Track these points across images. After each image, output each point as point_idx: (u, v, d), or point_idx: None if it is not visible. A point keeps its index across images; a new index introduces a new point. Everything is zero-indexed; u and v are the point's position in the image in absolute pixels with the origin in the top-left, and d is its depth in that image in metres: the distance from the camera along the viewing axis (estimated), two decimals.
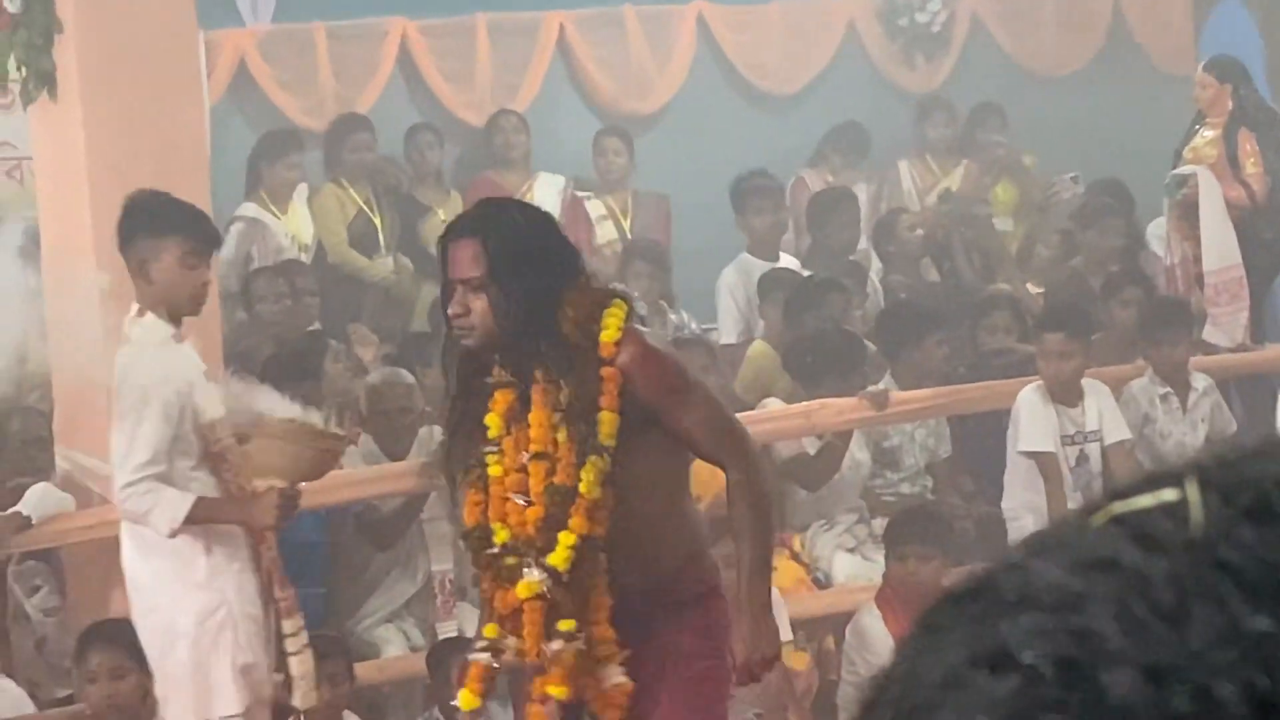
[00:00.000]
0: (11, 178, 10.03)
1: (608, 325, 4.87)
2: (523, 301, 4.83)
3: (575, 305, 4.87)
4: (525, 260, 4.86)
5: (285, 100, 10.79)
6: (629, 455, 4.91)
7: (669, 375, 4.96)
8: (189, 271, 6.29)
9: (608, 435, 4.86)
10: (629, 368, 4.87)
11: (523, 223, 5.02)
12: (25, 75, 7.34)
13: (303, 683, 6.38)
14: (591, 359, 4.85)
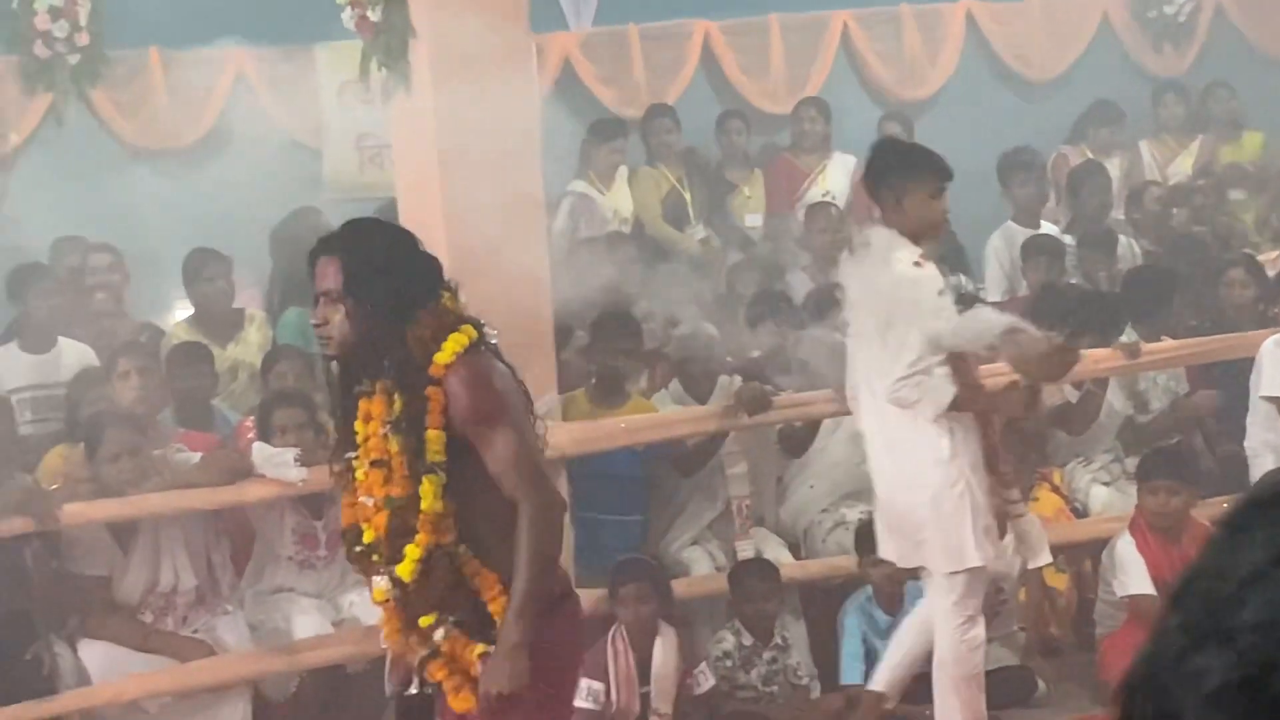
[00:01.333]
0: (373, 163, 10.33)
1: (445, 348, 4.71)
2: (372, 316, 4.69)
3: (424, 325, 4.72)
4: (379, 278, 4.70)
5: (604, 93, 10.99)
6: (471, 468, 4.72)
7: (482, 406, 4.70)
8: (933, 202, 6.61)
9: (435, 452, 4.68)
10: (451, 390, 4.69)
11: (380, 243, 4.82)
12: (385, 75, 7.50)
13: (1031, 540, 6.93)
14: (424, 378, 4.69)
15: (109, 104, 10.09)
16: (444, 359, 4.70)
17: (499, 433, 4.70)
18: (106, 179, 10.09)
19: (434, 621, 4.76)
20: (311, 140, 10.46)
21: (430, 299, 4.78)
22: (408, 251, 4.87)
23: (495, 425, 4.70)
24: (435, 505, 4.69)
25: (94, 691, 7.15)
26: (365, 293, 4.70)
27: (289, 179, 10.23)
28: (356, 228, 4.94)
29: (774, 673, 7.67)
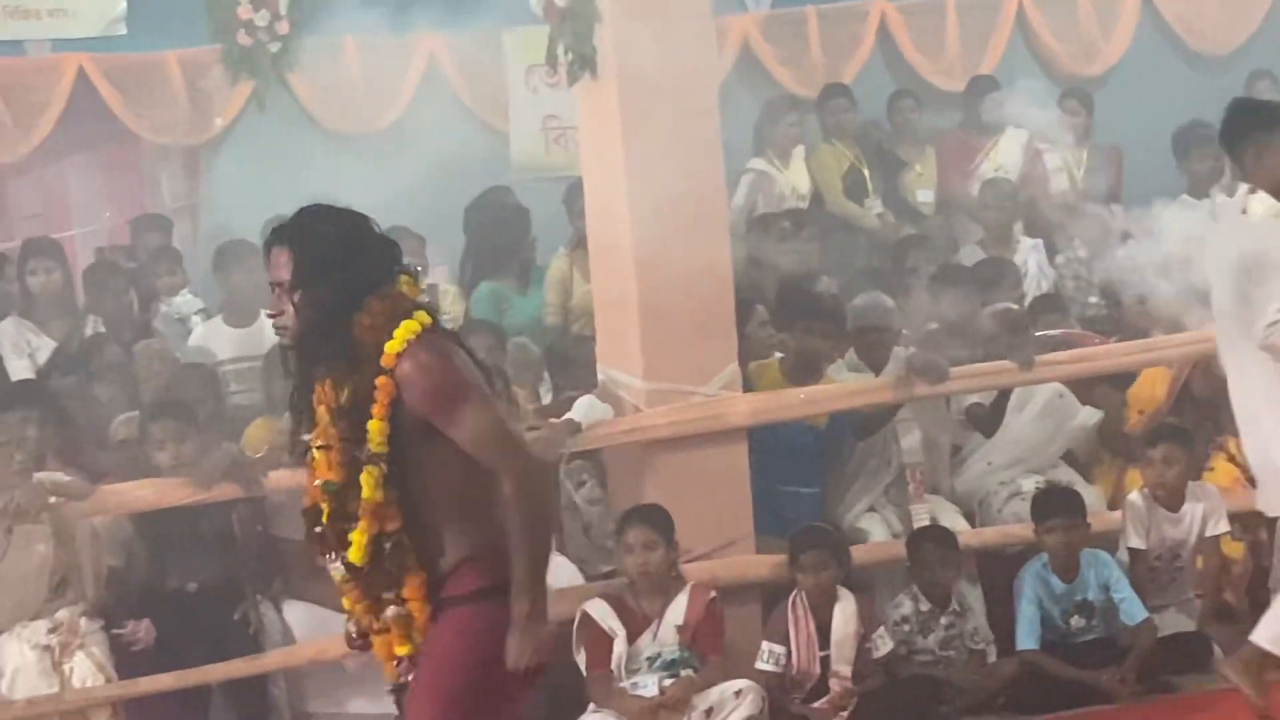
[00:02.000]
0: (559, 144, 10.37)
1: (396, 336, 4.49)
2: (321, 306, 4.51)
3: (376, 313, 4.51)
4: (328, 268, 4.50)
5: (782, 73, 10.93)
6: (417, 458, 4.52)
7: (440, 389, 4.46)
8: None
9: (377, 444, 4.50)
10: (404, 379, 4.46)
11: (329, 233, 4.56)
12: (571, 59, 7.51)
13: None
14: (373, 366, 4.49)
15: (307, 89, 10.21)
16: (394, 348, 4.48)
17: (464, 409, 4.47)
18: (305, 161, 10.19)
19: (393, 598, 4.61)
20: (499, 123, 10.52)
21: (383, 285, 4.56)
22: (359, 239, 4.59)
23: (458, 403, 4.47)
24: (375, 495, 4.51)
25: (298, 650, 7.26)
26: (314, 283, 4.51)
27: (478, 160, 10.29)
28: (306, 217, 4.62)
29: (951, 637, 7.60)
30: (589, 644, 7.26)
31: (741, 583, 7.53)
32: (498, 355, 8.10)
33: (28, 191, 13.42)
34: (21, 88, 9.64)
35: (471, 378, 4.55)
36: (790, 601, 7.33)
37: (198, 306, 9.30)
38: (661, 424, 7.45)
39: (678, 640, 7.23)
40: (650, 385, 7.45)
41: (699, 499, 7.45)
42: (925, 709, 7.34)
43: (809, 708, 7.20)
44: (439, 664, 4.58)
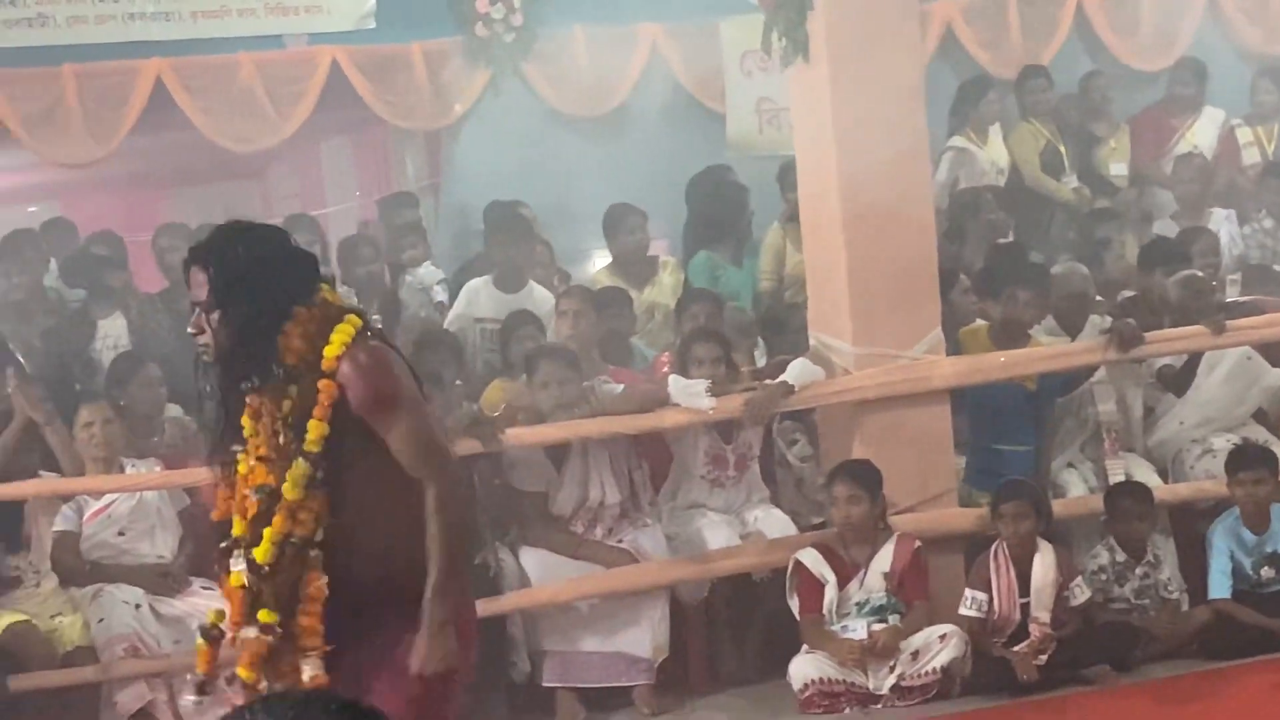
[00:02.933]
0: (771, 124, 10.37)
1: (333, 341, 4.24)
2: (242, 323, 4.25)
3: (304, 323, 4.25)
4: (245, 287, 4.25)
5: (983, 55, 10.82)
6: (352, 461, 4.25)
7: (378, 391, 4.22)
8: None
9: (313, 442, 4.22)
10: (345, 379, 4.22)
11: (243, 253, 4.28)
12: (785, 44, 7.54)
13: None
14: (314, 371, 4.23)
15: (539, 76, 10.31)
16: (333, 352, 4.23)
17: (398, 415, 4.22)
18: (537, 142, 10.34)
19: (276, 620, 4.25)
20: (716, 105, 10.54)
21: (307, 297, 4.30)
22: (277, 255, 4.34)
23: (394, 408, 4.23)
24: (295, 492, 4.22)
25: (534, 593, 7.37)
26: (234, 302, 4.26)
27: (696, 140, 10.35)
28: (221, 236, 4.36)
29: (1145, 587, 7.54)
30: (802, 590, 7.30)
31: (945, 534, 7.53)
32: (716, 320, 8.17)
33: (286, 173, 13.81)
34: (281, 78, 9.83)
35: (406, 384, 4.32)
36: (993, 551, 7.31)
37: (439, 277, 9.45)
38: (869, 385, 7.46)
39: (884, 587, 7.25)
40: (859, 349, 7.47)
41: (905, 456, 7.46)
42: (1120, 654, 7.29)
43: (1009, 651, 7.17)
44: (403, 687, 4.23)
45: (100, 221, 11.17)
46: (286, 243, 4.40)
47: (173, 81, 9.58)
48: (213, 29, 9.78)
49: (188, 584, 7.37)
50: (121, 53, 9.61)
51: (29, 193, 13.71)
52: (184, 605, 7.28)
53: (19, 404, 7.26)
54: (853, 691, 7.10)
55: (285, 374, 4.25)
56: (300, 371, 4.24)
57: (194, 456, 7.63)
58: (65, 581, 7.31)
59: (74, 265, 9.12)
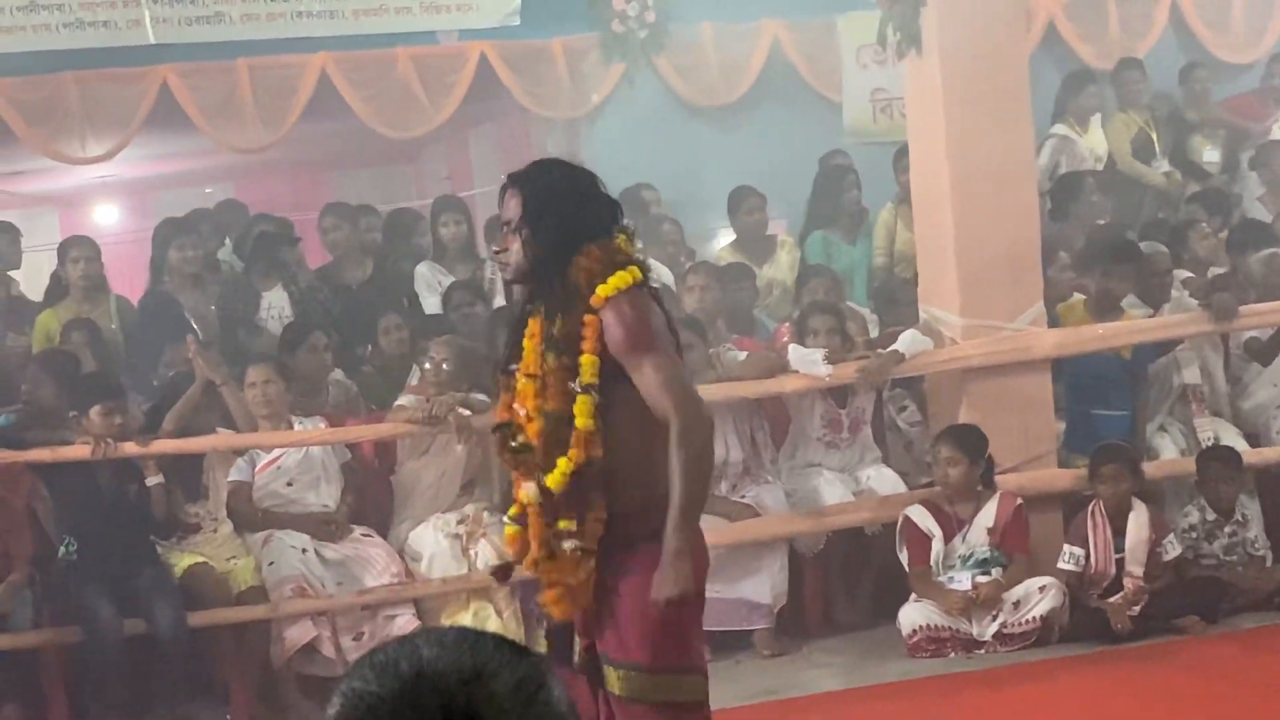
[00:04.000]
0: (885, 113, 10.30)
1: (609, 282, 4.19)
2: (544, 245, 4.24)
3: (592, 258, 4.21)
4: (553, 213, 4.24)
5: (1083, 49, 10.66)
6: (615, 393, 4.19)
7: (632, 334, 4.15)
8: None
9: (589, 375, 4.17)
10: (607, 320, 4.17)
11: (558, 182, 4.30)
12: (899, 38, 7.52)
13: None
14: (584, 306, 4.19)
15: (670, 69, 10.30)
16: (606, 291, 4.18)
17: (649, 359, 4.15)
18: (667, 130, 10.33)
19: (573, 525, 4.21)
20: (833, 95, 10.48)
21: (602, 235, 4.27)
22: (586, 190, 4.33)
23: (646, 353, 4.16)
24: (589, 423, 4.17)
25: None
26: (540, 224, 4.26)
27: (813, 127, 10.31)
28: (541, 166, 4.42)
29: (1234, 545, 7.44)
30: (910, 543, 7.28)
31: (1045, 493, 7.48)
32: (833, 295, 8.16)
33: (438, 157, 13.91)
34: (434, 71, 9.89)
35: (662, 333, 4.25)
36: (1090, 509, 7.25)
37: None
38: (975, 355, 7.42)
39: (988, 541, 7.21)
40: (966, 321, 7.43)
41: (1008, 420, 7.43)
42: (1208, 606, 7.22)
43: (1105, 603, 7.11)
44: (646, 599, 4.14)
45: (270, 202, 11.35)
46: (594, 184, 4.38)
47: (336, 74, 9.67)
48: (372, 25, 9.86)
49: (349, 531, 7.47)
50: (290, 48, 9.71)
51: (206, 175, 13.94)
52: (345, 550, 7.38)
53: (199, 367, 7.38)
54: (957, 638, 7.08)
55: (562, 302, 4.23)
56: (572, 302, 4.22)
57: (355, 415, 7.75)
58: (239, 527, 7.44)
59: (245, 241, 9.23)
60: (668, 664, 4.18)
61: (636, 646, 4.17)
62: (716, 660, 7.30)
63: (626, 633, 4.19)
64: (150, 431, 7.19)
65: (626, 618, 4.18)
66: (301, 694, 7.16)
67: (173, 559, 7.24)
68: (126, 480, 7.16)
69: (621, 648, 4.19)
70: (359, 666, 1.59)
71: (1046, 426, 7.55)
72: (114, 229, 14.33)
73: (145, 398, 7.82)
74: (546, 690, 1.58)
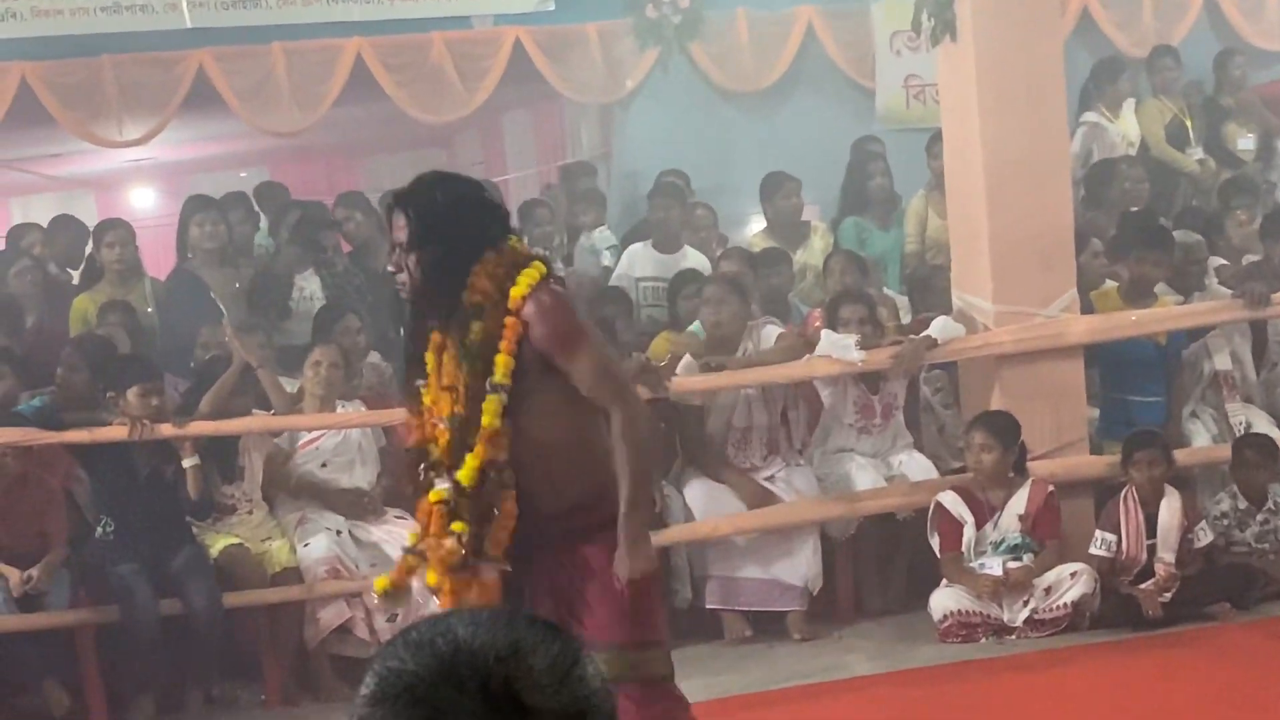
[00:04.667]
0: (918, 99, 10.29)
1: (519, 283, 4.26)
2: (438, 262, 4.28)
3: (492, 266, 4.28)
4: (441, 230, 4.27)
5: (1117, 36, 10.62)
6: (531, 392, 4.29)
7: (561, 327, 4.26)
8: None
9: (502, 375, 4.26)
10: (529, 318, 4.25)
11: (441, 199, 4.30)
12: (933, 24, 7.50)
13: None
14: (500, 310, 4.26)
15: (704, 55, 10.30)
16: (519, 291, 4.26)
17: (581, 352, 4.26)
18: (700, 115, 10.34)
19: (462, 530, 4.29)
20: (867, 81, 10.48)
21: (495, 243, 4.33)
22: (472, 202, 4.36)
23: (577, 347, 4.27)
24: (494, 423, 4.25)
25: (696, 526, 7.42)
26: (430, 243, 4.28)
27: (847, 114, 10.30)
28: (423, 183, 4.38)
29: (1266, 532, 7.41)
30: (942, 529, 7.27)
31: (1077, 479, 7.46)
32: (862, 281, 8.15)
33: (472, 142, 13.94)
34: (469, 56, 9.90)
35: (586, 325, 4.41)
36: (1122, 495, 7.22)
37: (611, 242, 9.48)
38: (1008, 341, 7.40)
39: (1019, 527, 7.20)
40: (999, 307, 7.41)
41: (1041, 407, 7.41)
42: (1240, 593, 7.19)
43: (1136, 589, 7.09)
44: (611, 586, 4.29)
45: (305, 185, 11.40)
46: (480, 192, 4.44)
47: (371, 58, 9.70)
48: (407, 10, 9.89)
49: (383, 512, 7.49)
50: (325, 32, 9.75)
51: (242, 159, 14.00)
52: (380, 531, 7.40)
53: (235, 349, 7.41)
54: (989, 623, 7.07)
55: (470, 312, 4.29)
56: (484, 309, 4.28)
57: (391, 398, 7.77)
58: (273, 497, 7.45)
59: (280, 224, 9.22)
60: (638, 639, 4.32)
61: (608, 627, 4.28)
62: (750, 644, 7.33)
63: (599, 615, 4.30)
64: (186, 413, 7.22)
65: (596, 601, 4.30)
66: (336, 675, 7.19)
67: (208, 540, 7.27)
68: (163, 461, 7.18)
69: (597, 630, 4.27)
70: (392, 645, 1.59)
71: (1079, 413, 7.53)
72: (150, 212, 14.42)
73: (182, 379, 7.85)
74: (581, 666, 1.59)
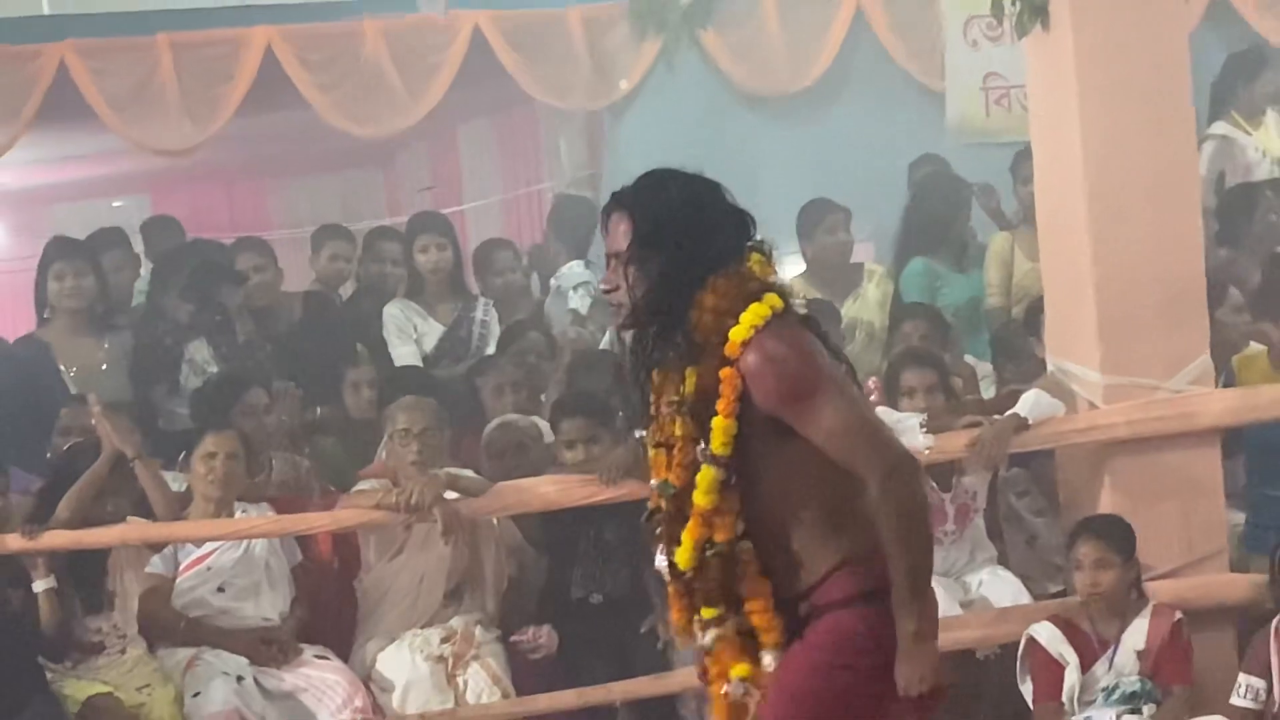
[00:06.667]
0: (1000, 105, 10.35)
1: (742, 322, 4.34)
2: (661, 281, 4.40)
3: (720, 293, 4.38)
4: (669, 239, 4.40)
5: (1261, 22, 10.69)
6: (766, 454, 4.38)
7: (791, 382, 4.31)
8: None
9: (720, 444, 4.37)
10: (750, 371, 4.33)
11: (675, 200, 4.44)
12: (1020, 8, 7.49)
13: None
14: (717, 355, 4.36)
15: (721, 46, 10.37)
16: (740, 335, 4.35)
17: (819, 403, 4.31)
18: (717, 125, 10.39)
19: (715, 616, 4.50)
20: (933, 82, 10.53)
21: (731, 262, 4.44)
22: (707, 208, 4.50)
23: (813, 397, 4.32)
24: (708, 500, 4.40)
25: None
26: (653, 255, 4.42)
27: (909, 123, 10.37)
28: (650, 181, 4.54)
29: None
30: (1036, 672, 7.25)
31: (1214, 605, 7.44)
32: (936, 341, 8.15)
33: (417, 161, 13.98)
34: (413, 49, 9.94)
35: (825, 367, 4.40)
36: (1274, 628, 7.19)
37: (581, 278, 9.46)
38: (1120, 423, 7.40)
39: (1138, 668, 7.17)
40: (1108, 379, 7.41)
41: (1164, 509, 7.41)
42: None
43: None
44: (802, 663, 4.45)
45: (197, 219, 11.39)
46: (721, 198, 4.55)
47: (284, 53, 9.76)
48: None
49: (299, 652, 7.47)
50: (225, 20, 9.81)
51: (115, 184, 14.03)
52: (294, 679, 7.38)
53: (104, 434, 7.40)
54: None
55: (688, 351, 4.42)
56: (704, 351, 4.40)
57: (306, 499, 7.76)
58: (155, 637, 7.44)
59: (174, 272, 9.13)
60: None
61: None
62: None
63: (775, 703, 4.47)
64: (39, 521, 7.20)
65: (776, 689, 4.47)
66: None
67: (67, 688, 7.23)
68: (6, 585, 7.17)
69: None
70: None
71: (1215, 517, 7.52)
72: None
73: (33, 476, 7.84)
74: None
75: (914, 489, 4.36)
